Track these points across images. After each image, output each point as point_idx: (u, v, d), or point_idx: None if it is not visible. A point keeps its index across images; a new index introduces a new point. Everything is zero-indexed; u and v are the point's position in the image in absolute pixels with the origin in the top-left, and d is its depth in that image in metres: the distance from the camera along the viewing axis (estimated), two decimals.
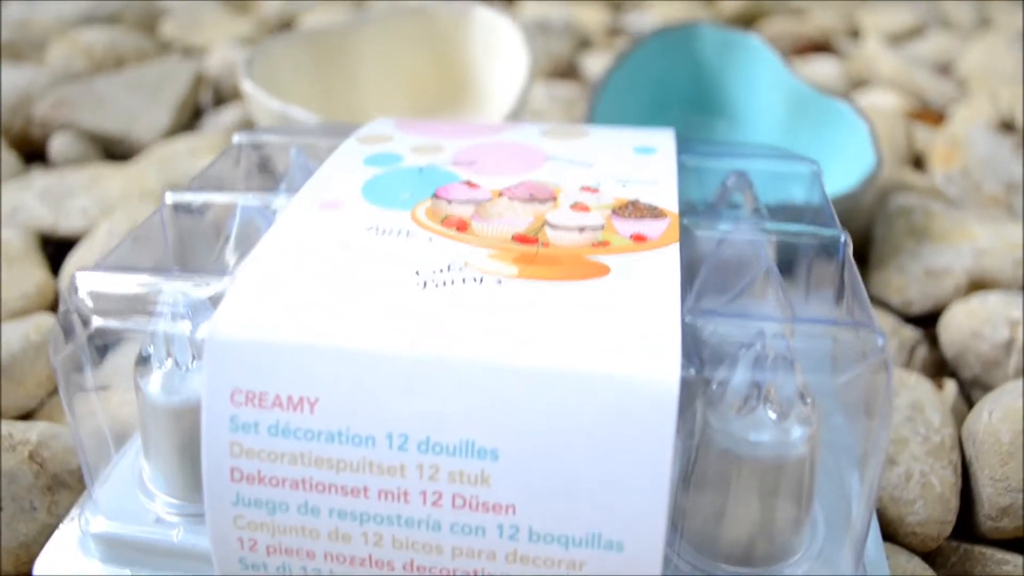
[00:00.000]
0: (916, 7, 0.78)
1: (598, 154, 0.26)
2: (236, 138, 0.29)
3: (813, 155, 0.42)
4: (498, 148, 0.26)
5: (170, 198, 0.25)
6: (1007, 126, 0.57)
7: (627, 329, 0.19)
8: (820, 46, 0.71)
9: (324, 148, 0.29)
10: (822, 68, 0.66)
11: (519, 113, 0.38)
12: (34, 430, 0.28)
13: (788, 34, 0.73)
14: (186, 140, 0.52)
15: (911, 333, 0.36)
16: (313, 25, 0.45)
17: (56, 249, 0.42)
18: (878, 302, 0.39)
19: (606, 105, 0.42)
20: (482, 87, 0.47)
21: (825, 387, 0.20)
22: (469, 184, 0.24)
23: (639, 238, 0.21)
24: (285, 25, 0.73)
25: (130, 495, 0.23)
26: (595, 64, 0.66)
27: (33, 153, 0.52)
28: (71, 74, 0.58)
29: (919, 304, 0.38)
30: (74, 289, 0.21)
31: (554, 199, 0.23)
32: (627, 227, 0.22)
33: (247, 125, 0.56)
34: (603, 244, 0.21)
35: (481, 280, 0.20)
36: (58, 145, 0.50)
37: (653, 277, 0.20)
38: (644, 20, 0.74)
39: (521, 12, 0.75)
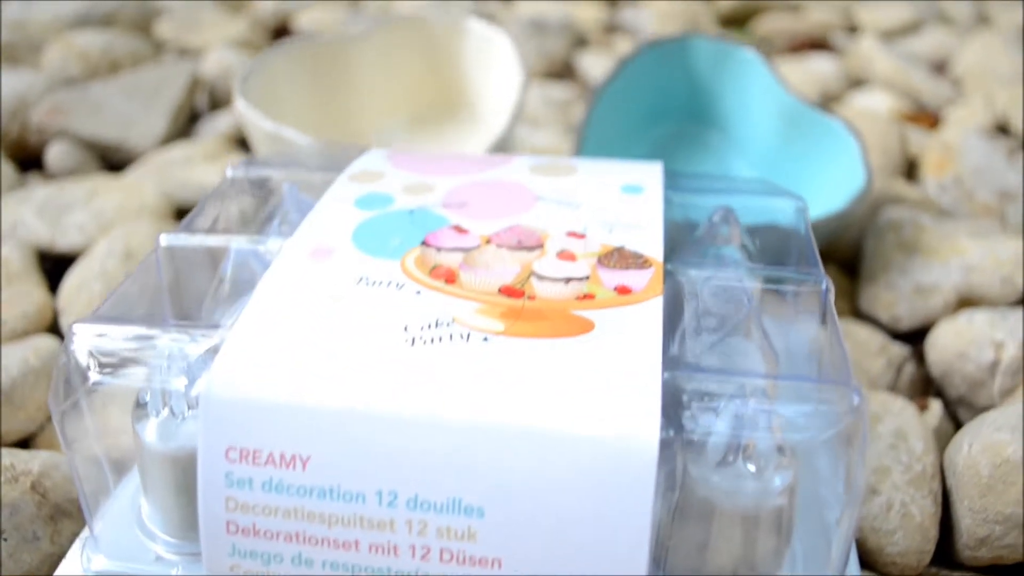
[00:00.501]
0: (914, 2, 0.78)
1: (586, 194, 0.26)
2: (229, 172, 0.30)
3: (804, 170, 0.42)
4: (488, 188, 0.27)
5: (164, 240, 0.26)
6: (1002, 129, 0.58)
7: (609, 389, 0.19)
8: (817, 43, 0.71)
9: (317, 181, 0.29)
10: (819, 66, 0.66)
11: (513, 128, 0.38)
12: (36, 460, 0.29)
13: (785, 31, 0.73)
14: (182, 147, 0.52)
15: (899, 350, 0.37)
16: (309, 37, 0.45)
17: (54, 265, 0.42)
18: (867, 318, 0.40)
19: (600, 117, 0.42)
20: (477, 97, 0.47)
21: (803, 437, 0.21)
22: (458, 229, 0.24)
23: (623, 290, 0.22)
24: (281, 25, 0.73)
25: (130, 533, 0.24)
26: (591, 63, 0.66)
27: (30, 160, 0.53)
28: (67, 78, 0.58)
29: (908, 320, 0.38)
30: (72, 342, 0.22)
31: (541, 246, 0.24)
32: (612, 278, 0.22)
33: (243, 132, 0.56)
34: (588, 297, 0.22)
35: (468, 337, 0.20)
36: (55, 154, 0.51)
37: (636, 334, 0.20)
38: (640, 17, 0.74)
39: (517, 10, 0.75)
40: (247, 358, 0.20)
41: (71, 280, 0.38)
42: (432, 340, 0.20)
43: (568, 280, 0.22)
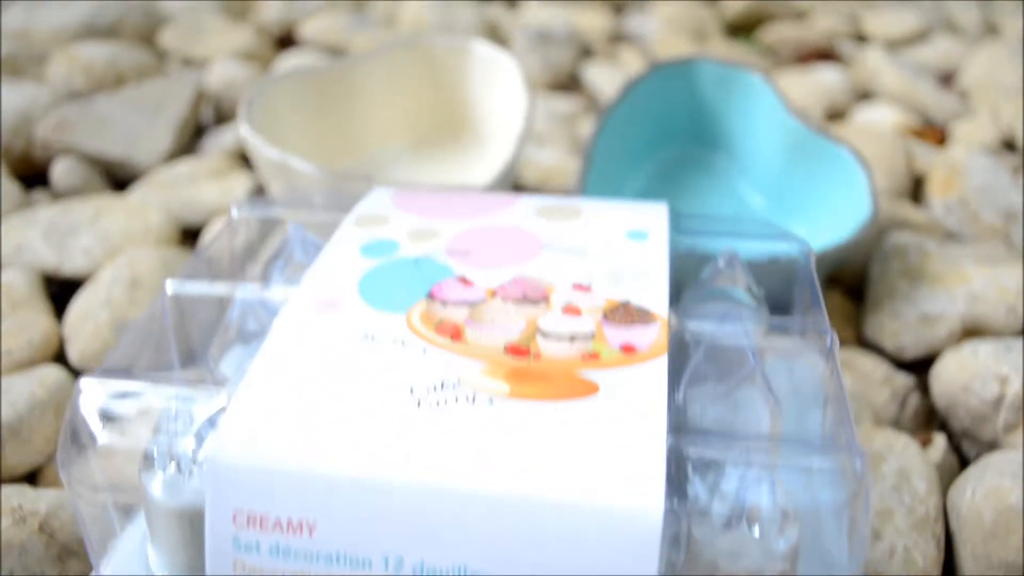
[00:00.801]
0: (921, 9, 0.78)
1: (591, 240, 0.26)
2: (234, 211, 0.30)
3: (810, 195, 0.42)
4: (493, 234, 0.27)
5: (171, 287, 0.26)
6: (1008, 145, 0.57)
7: (614, 457, 0.19)
8: (824, 53, 0.71)
9: (322, 220, 0.29)
10: (825, 77, 0.65)
11: (519, 155, 0.38)
12: (43, 500, 0.29)
13: (791, 40, 0.73)
14: (187, 163, 0.52)
15: (904, 381, 0.37)
16: (312, 63, 0.45)
17: (60, 288, 0.42)
18: (872, 346, 0.40)
19: (607, 140, 0.42)
20: (481, 118, 0.47)
21: (807, 502, 0.21)
22: (463, 281, 0.24)
23: (628, 349, 0.22)
24: (286, 33, 0.72)
25: None
26: (597, 75, 0.65)
27: (35, 176, 0.53)
28: (71, 91, 0.58)
29: (912, 349, 0.38)
30: (79, 399, 0.22)
31: (546, 299, 0.24)
32: (617, 335, 0.22)
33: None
34: (593, 356, 0.22)
35: (474, 399, 0.21)
36: (60, 171, 0.51)
37: (640, 398, 0.20)
38: (646, 25, 0.74)
39: (522, 17, 0.75)
40: (253, 422, 0.20)
41: (77, 307, 0.38)
42: (438, 403, 0.20)
43: (573, 338, 0.22)
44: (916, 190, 0.51)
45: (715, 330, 0.23)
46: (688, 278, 0.27)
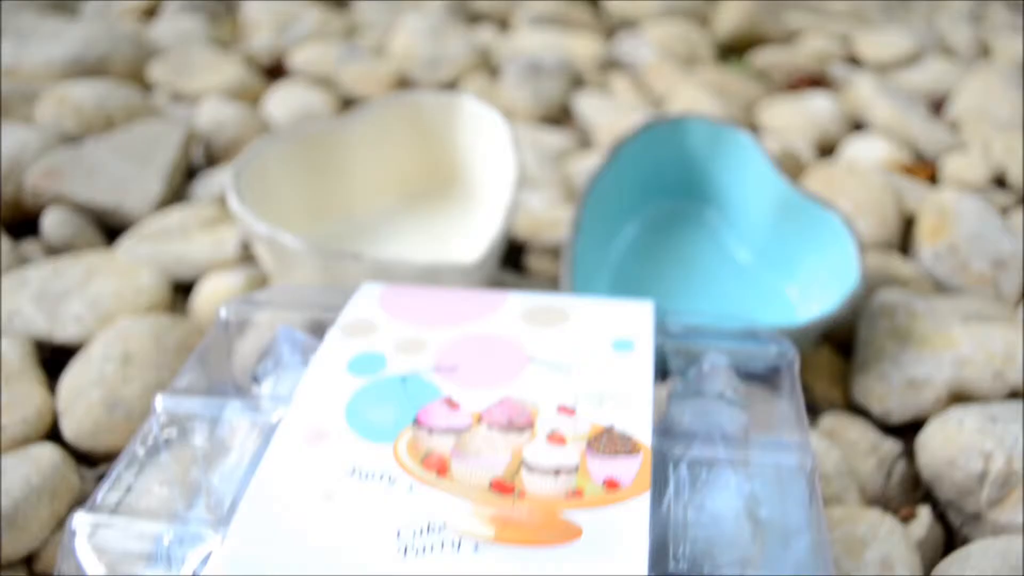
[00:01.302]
0: (914, 29, 0.77)
1: (577, 353, 0.27)
2: (223, 312, 0.30)
3: (798, 255, 0.42)
4: (480, 345, 0.27)
5: (161, 404, 0.26)
6: (999, 182, 0.58)
7: None
8: (815, 80, 0.70)
9: (310, 318, 0.29)
10: (817, 105, 0.65)
11: (509, 225, 0.38)
12: None
13: (783, 64, 0.72)
14: (178, 212, 0.52)
15: (890, 448, 0.37)
16: (300, 126, 0.45)
17: (52, 354, 0.42)
18: (859, 409, 0.40)
19: (597, 198, 0.42)
20: (472, 172, 0.47)
21: None
22: (450, 404, 0.25)
23: (612, 484, 0.22)
24: (275, 63, 0.72)
25: None
26: (588, 106, 0.65)
27: (26, 223, 0.53)
28: (61, 134, 0.58)
29: (899, 414, 0.39)
30: (74, 536, 0.22)
31: (531, 425, 0.24)
32: (601, 468, 0.23)
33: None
34: (577, 494, 0.22)
35: (459, 545, 0.21)
36: (51, 223, 0.51)
37: (622, 542, 0.21)
38: (639, 51, 0.73)
39: (514, 41, 0.74)
40: (242, 568, 0.21)
41: (69, 381, 0.39)
42: (424, 549, 0.21)
43: (558, 472, 0.23)
44: (906, 234, 0.51)
45: (698, 454, 0.24)
46: (673, 382, 0.28)
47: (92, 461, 0.38)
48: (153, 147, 0.57)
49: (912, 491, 0.37)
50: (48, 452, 0.36)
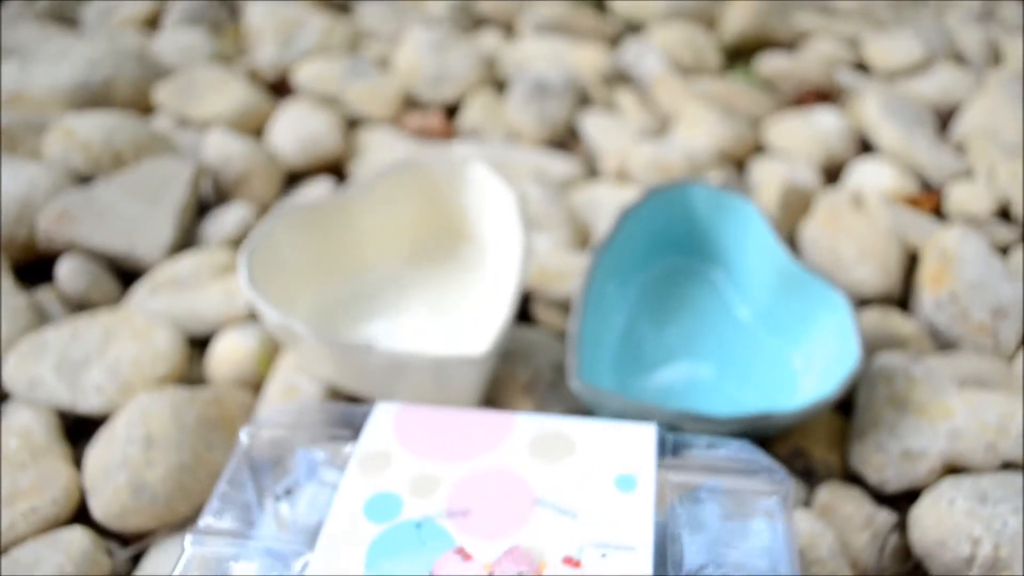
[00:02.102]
0: (924, 33, 0.76)
1: (581, 493, 0.28)
2: (244, 437, 0.31)
3: (800, 328, 0.43)
4: (490, 485, 0.28)
5: (189, 543, 0.28)
6: (1004, 214, 0.58)
7: None
8: (822, 94, 0.70)
9: (327, 437, 0.31)
10: (823, 123, 0.65)
11: (514, 313, 0.39)
12: None
13: (790, 73, 0.72)
14: (190, 259, 0.53)
15: (884, 520, 0.39)
16: (311, 200, 0.45)
17: (75, 424, 0.44)
18: (856, 478, 0.41)
19: (606, 263, 0.43)
20: (479, 233, 0.48)
21: None
22: (463, 555, 0.26)
23: None
24: (280, 79, 0.72)
25: None
26: (595, 127, 0.65)
27: (39, 268, 0.54)
28: (70, 171, 0.58)
29: (894, 484, 0.40)
30: None
31: None
32: None
33: (249, 226, 0.57)
34: None
35: None
36: (65, 272, 0.52)
37: None
38: (645, 61, 0.73)
39: (519, 50, 0.74)
40: None
41: (94, 460, 0.40)
42: None
43: None
44: (908, 278, 0.52)
45: None
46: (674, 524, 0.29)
47: (122, 538, 0.40)
48: (163, 186, 0.57)
49: (905, 561, 0.39)
50: (79, 537, 0.38)
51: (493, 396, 0.43)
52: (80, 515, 0.40)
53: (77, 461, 0.42)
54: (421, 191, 0.46)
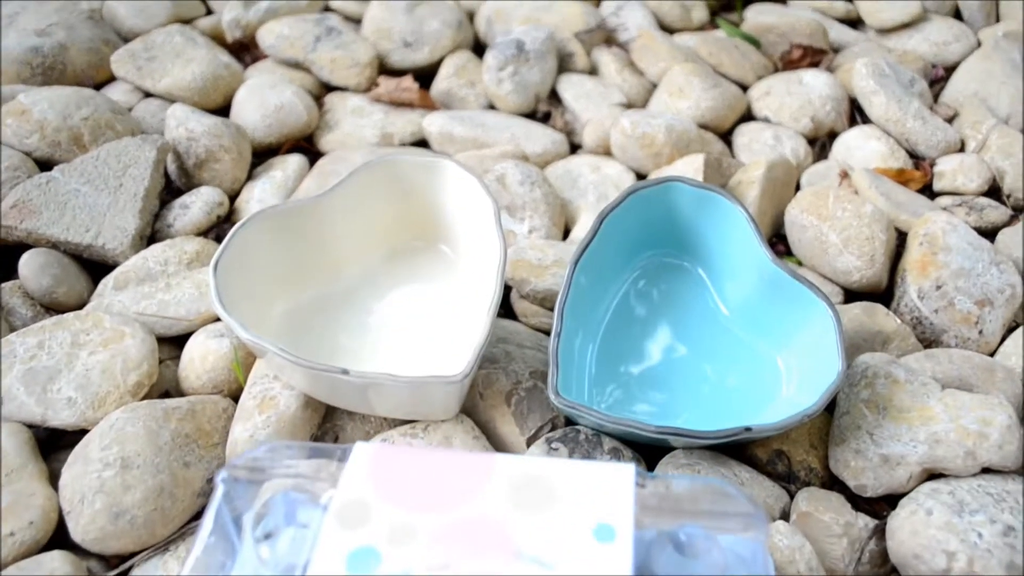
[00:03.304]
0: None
1: (560, 545, 0.28)
2: (220, 483, 0.30)
3: (780, 333, 0.42)
4: (469, 538, 0.28)
5: None
6: (995, 190, 0.57)
7: None
8: (813, 52, 0.67)
9: (305, 475, 0.30)
10: (814, 86, 0.63)
11: (493, 329, 0.38)
12: None
13: (779, 28, 0.69)
14: (158, 251, 0.51)
15: (862, 527, 0.39)
16: (283, 204, 0.43)
17: (49, 437, 0.43)
18: (835, 479, 0.42)
19: (587, 263, 0.42)
20: (454, 227, 0.46)
21: None
22: None
23: None
24: (248, 37, 0.68)
25: None
26: (574, 93, 0.63)
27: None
28: (26, 155, 0.56)
29: (872, 489, 0.40)
30: None
31: None
32: None
33: (217, 212, 0.55)
34: None
35: None
36: (29, 269, 0.50)
37: None
38: (631, 18, 0.70)
39: (495, 10, 0.70)
40: None
41: (71, 481, 0.39)
42: None
43: None
44: (896, 262, 0.51)
45: None
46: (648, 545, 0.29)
47: (104, 558, 0.39)
48: (126, 171, 0.55)
49: (882, 565, 0.39)
50: (59, 563, 0.37)
51: (472, 405, 0.43)
52: (59, 534, 0.40)
53: (52, 476, 0.41)
54: (394, 190, 0.45)
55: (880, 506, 0.41)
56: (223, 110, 0.63)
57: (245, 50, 0.69)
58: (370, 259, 0.46)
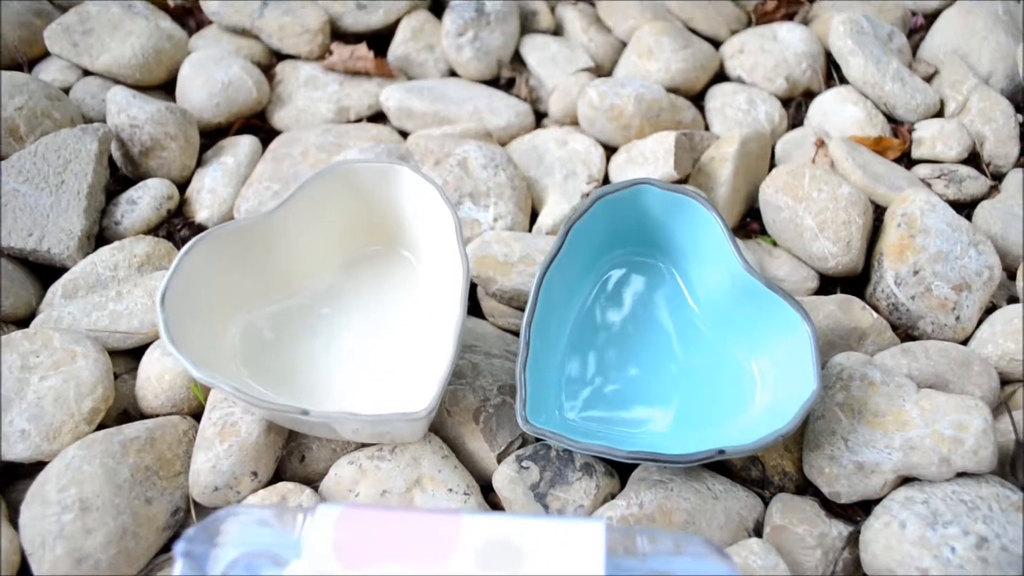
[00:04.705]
0: None
1: None
2: (177, 552, 0.29)
3: (755, 339, 0.41)
4: None
5: None
6: (975, 155, 0.55)
7: None
8: (788, 3, 0.64)
9: (265, 543, 0.29)
10: (787, 43, 0.60)
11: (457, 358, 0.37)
12: None
13: None
14: (107, 255, 0.49)
15: (836, 534, 0.39)
16: (233, 222, 0.41)
17: (5, 468, 0.42)
18: (809, 482, 0.41)
19: (555, 276, 0.40)
20: (412, 230, 0.44)
21: None
22: None
23: None
24: (188, 3, 0.64)
25: None
26: (538, 57, 0.60)
27: None
28: None
29: (847, 496, 0.40)
30: None
31: None
32: None
33: (167, 207, 0.52)
34: None
35: None
36: None
37: None
38: None
39: None
40: None
41: (30, 525, 0.38)
42: None
43: None
44: (872, 242, 0.50)
45: None
46: None
47: None
48: (66, 166, 0.52)
49: (855, 573, 0.39)
50: None
51: (440, 422, 0.42)
52: (24, 573, 0.39)
53: (13, 507, 0.40)
54: (350, 197, 0.42)
55: (854, 511, 0.41)
56: (168, 85, 0.60)
57: (189, 14, 0.65)
58: (328, 269, 0.44)
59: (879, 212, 0.51)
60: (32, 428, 0.41)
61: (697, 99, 0.60)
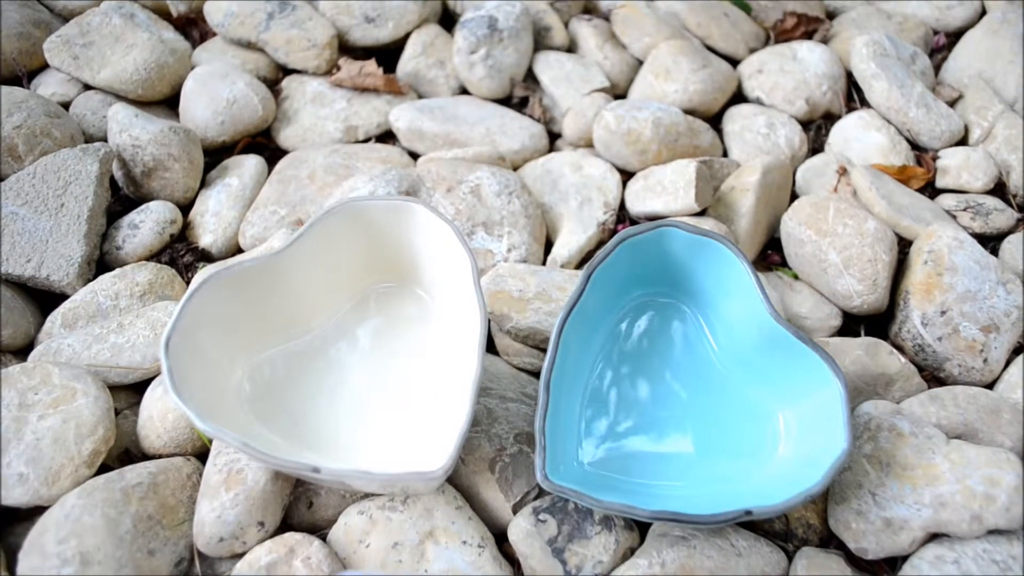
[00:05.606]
0: None
1: None
2: None
3: (782, 388, 0.40)
4: None
5: None
6: (1000, 185, 0.53)
7: None
8: (805, 20, 0.62)
9: None
10: (808, 57, 0.58)
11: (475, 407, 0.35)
12: None
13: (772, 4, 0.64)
14: (108, 283, 0.47)
15: None
16: (235, 265, 0.39)
17: (3, 511, 0.40)
18: (833, 534, 0.40)
19: (575, 323, 0.39)
20: (424, 267, 0.42)
21: None
22: None
23: None
24: (193, 14, 0.62)
25: None
26: (552, 75, 0.58)
27: None
28: None
29: (874, 553, 0.39)
30: None
31: None
32: None
33: (170, 231, 0.50)
34: None
35: None
36: None
37: None
38: None
39: None
40: None
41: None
42: None
43: None
44: (897, 278, 0.48)
45: None
46: None
47: None
48: (66, 189, 0.50)
49: None
50: None
51: (454, 472, 0.40)
52: None
53: (11, 553, 0.39)
54: (361, 235, 0.41)
55: (880, 567, 0.39)
56: (171, 100, 0.58)
57: (192, 25, 0.63)
58: (339, 308, 0.43)
59: (903, 245, 0.50)
60: (30, 471, 0.40)
61: (715, 121, 0.58)
